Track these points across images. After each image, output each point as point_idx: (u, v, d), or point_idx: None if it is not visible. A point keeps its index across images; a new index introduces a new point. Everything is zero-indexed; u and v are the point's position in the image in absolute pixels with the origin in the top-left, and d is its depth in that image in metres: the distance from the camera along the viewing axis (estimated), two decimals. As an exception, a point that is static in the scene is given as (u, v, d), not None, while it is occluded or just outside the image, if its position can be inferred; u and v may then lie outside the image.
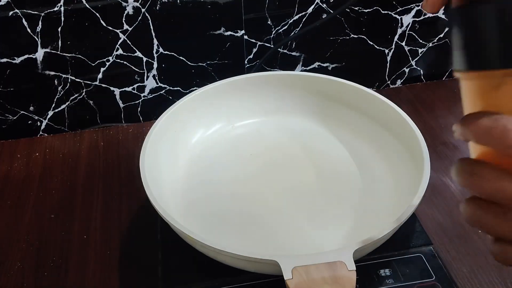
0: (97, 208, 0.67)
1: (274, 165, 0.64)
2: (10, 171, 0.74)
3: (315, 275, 0.43)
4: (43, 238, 0.63)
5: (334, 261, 0.44)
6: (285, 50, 0.83)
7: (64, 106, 0.81)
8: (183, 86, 0.83)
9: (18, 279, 0.58)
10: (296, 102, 0.71)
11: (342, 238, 0.54)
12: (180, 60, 0.80)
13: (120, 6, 0.73)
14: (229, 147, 0.67)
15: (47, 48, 0.74)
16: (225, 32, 0.79)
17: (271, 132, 0.70)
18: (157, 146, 0.60)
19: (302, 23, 0.81)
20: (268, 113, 0.71)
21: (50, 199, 0.68)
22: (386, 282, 0.49)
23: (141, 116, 0.85)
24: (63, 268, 0.59)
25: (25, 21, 0.71)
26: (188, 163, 0.65)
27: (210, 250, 0.47)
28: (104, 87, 0.80)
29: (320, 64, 0.87)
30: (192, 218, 0.57)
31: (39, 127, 0.82)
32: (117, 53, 0.77)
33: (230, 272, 0.50)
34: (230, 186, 0.62)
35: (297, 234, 0.55)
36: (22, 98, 0.78)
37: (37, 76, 0.76)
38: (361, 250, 0.46)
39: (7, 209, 0.67)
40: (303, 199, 0.59)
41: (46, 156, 0.76)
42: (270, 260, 0.45)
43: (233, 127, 0.71)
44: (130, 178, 0.71)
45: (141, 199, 0.67)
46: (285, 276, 0.43)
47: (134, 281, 0.57)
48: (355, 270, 0.44)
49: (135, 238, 0.62)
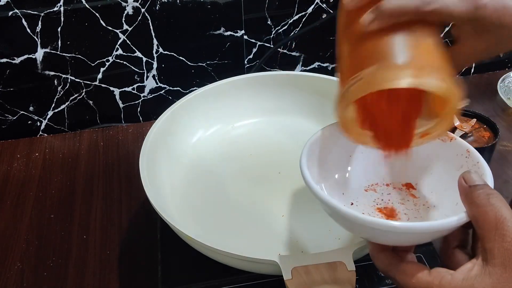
0: (96, 208, 0.67)
1: (274, 165, 0.64)
2: (10, 171, 0.74)
3: (315, 275, 0.43)
4: (43, 238, 0.63)
5: (334, 261, 0.44)
6: (285, 50, 0.83)
7: (64, 106, 0.81)
8: (183, 86, 0.83)
9: (18, 279, 0.58)
10: (296, 102, 0.71)
11: (342, 238, 0.54)
12: (180, 60, 0.80)
13: (120, 6, 0.73)
14: (228, 147, 0.67)
15: (46, 48, 0.74)
16: (225, 32, 0.79)
17: (271, 132, 0.70)
18: (157, 146, 0.60)
19: (302, 23, 0.81)
20: (268, 113, 0.71)
21: (50, 199, 0.68)
22: (386, 282, 0.49)
23: (141, 116, 0.85)
24: (62, 267, 0.59)
25: (25, 21, 0.71)
26: (187, 163, 0.65)
27: (210, 250, 0.47)
28: (104, 87, 0.80)
29: (320, 64, 0.87)
30: (192, 218, 0.57)
31: (39, 127, 0.82)
32: (117, 53, 0.77)
33: (230, 272, 0.50)
34: (230, 186, 0.62)
35: (297, 234, 0.55)
36: (22, 98, 0.78)
37: (37, 76, 0.76)
38: (361, 250, 0.46)
39: (7, 209, 0.67)
40: (303, 199, 0.59)
41: (46, 156, 0.76)
42: (270, 260, 0.45)
43: (233, 127, 0.71)
44: (130, 178, 0.71)
45: (141, 199, 0.67)
46: (285, 276, 0.43)
47: (133, 281, 0.57)
48: (355, 270, 0.44)
49: (135, 238, 0.62)
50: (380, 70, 0.36)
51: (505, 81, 0.84)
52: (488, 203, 0.35)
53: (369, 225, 0.37)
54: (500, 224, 0.34)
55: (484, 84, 0.87)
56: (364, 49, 0.39)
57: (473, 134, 0.69)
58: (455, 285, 0.34)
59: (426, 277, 0.36)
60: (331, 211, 0.41)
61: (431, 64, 0.37)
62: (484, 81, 0.88)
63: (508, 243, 0.33)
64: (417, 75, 0.36)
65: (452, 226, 0.37)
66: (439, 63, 0.38)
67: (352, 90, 0.38)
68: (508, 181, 0.67)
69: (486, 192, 0.36)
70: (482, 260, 0.35)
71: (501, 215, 0.34)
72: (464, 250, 0.39)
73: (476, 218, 0.36)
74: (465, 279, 0.34)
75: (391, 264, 0.39)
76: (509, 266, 0.33)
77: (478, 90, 0.86)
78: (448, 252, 0.39)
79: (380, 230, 0.37)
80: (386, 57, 0.37)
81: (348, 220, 0.39)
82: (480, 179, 0.38)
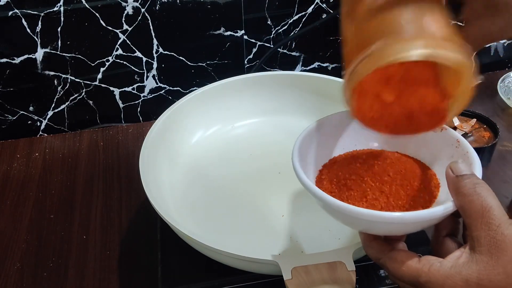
0: (96, 208, 0.67)
1: (274, 165, 0.64)
2: (10, 171, 0.74)
3: (315, 275, 0.43)
4: (43, 238, 0.63)
5: (334, 261, 0.44)
6: (285, 50, 0.83)
7: (63, 106, 0.81)
8: (183, 86, 0.83)
9: (18, 279, 0.58)
10: (295, 102, 0.71)
11: (342, 238, 0.54)
12: (180, 60, 0.80)
13: (120, 6, 0.73)
14: (228, 147, 0.67)
15: (46, 48, 0.74)
16: (225, 32, 0.79)
17: (271, 132, 0.70)
18: (157, 146, 0.60)
19: (302, 23, 0.81)
20: (268, 113, 0.71)
21: (49, 199, 0.68)
22: (386, 282, 0.49)
23: (141, 116, 0.85)
24: (62, 268, 0.59)
25: (25, 21, 0.71)
26: (187, 163, 0.65)
27: (210, 250, 0.47)
28: (104, 87, 0.80)
29: (320, 64, 0.87)
30: (192, 218, 0.57)
31: (38, 127, 0.82)
32: (116, 53, 0.77)
33: (229, 272, 0.50)
34: (230, 186, 0.62)
35: (297, 234, 0.55)
36: (22, 98, 0.78)
37: (36, 76, 0.76)
38: (361, 250, 0.46)
39: (7, 209, 0.67)
40: (303, 199, 0.59)
41: (46, 156, 0.76)
42: (270, 260, 0.45)
43: (233, 127, 0.71)
44: (130, 178, 0.71)
45: (141, 199, 0.67)
46: (285, 277, 0.43)
47: (133, 281, 0.57)
48: (355, 270, 0.44)
49: (135, 238, 0.62)
50: (389, 44, 0.35)
51: (505, 81, 0.84)
52: (474, 192, 0.36)
53: (358, 216, 0.38)
54: (486, 212, 0.35)
55: (484, 84, 0.87)
56: (370, 26, 0.37)
57: (473, 134, 0.69)
58: (443, 272, 0.35)
59: (415, 264, 0.37)
60: (322, 203, 0.41)
61: (443, 36, 0.35)
62: (484, 81, 0.88)
63: (493, 231, 0.34)
64: (430, 45, 0.34)
65: (439, 215, 0.37)
66: (450, 35, 0.36)
67: (360, 67, 0.36)
68: (508, 181, 0.67)
69: (473, 182, 0.37)
70: (469, 248, 0.36)
71: (487, 204, 0.35)
72: (454, 239, 0.40)
73: (463, 207, 0.36)
74: (453, 267, 0.35)
75: (382, 252, 0.40)
76: (495, 253, 0.34)
77: (478, 90, 0.86)
78: (438, 240, 0.40)
79: (369, 220, 0.38)
80: (395, 31, 0.35)
81: (338, 210, 0.39)
82: (468, 169, 0.38)
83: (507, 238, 0.34)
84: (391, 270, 0.39)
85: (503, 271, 0.33)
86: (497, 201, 0.35)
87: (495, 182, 0.67)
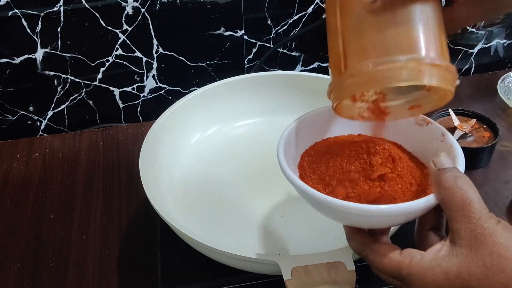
0: (96, 208, 0.67)
1: (274, 165, 0.64)
2: (10, 171, 0.74)
3: (315, 275, 0.43)
4: (43, 238, 0.63)
5: (334, 261, 0.44)
6: (285, 50, 0.83)
7: (63, 106, 0.81)
8: (183, 86, 0.83)
9: (18, 279, 0.58)
10: (296, 102, 0.71)
11: (342, 238, 0.54)
12: (180, 60, 0.80)
13: (120, 6, 0.73)
14: (228, 147, 0.67)
15: (46, 48, 0.74)
16: (225, 32, 0.79)
17: (271, 132, 0.70)
18: (156, 146, 0.60)
19: (302, 23, 0.81)
20: (268, 113, 0.71)
21: (49, 199, 0.68)
22: (386, 283, 0.49)
23: (141, 116, 0.85)
24: (62, 268, 0.59)
25: (25, 21, 0.71)
26: (187, 163, 0.65)
27: (210, 250, 0.47)
28: (104, 87, 0.80)
29: (320, 64, 0.87)
30: (192, 218, 0.57)
31: (38, 127, 0.82)
32: (116, 53, 0.77)
33: (229, 272, 0.50)
34: (230, 186, 0.62)
35: (297, 234, 0.55)
36: (22, 98, 0.78)
37: (36, 76, 0.76)
38: (360, 250, 0.46)
39: (7, 209, 0.67)
40: (303, 199, 0.59)
41: (45, 156, 0.76)
42: (270, 260, 0.45)
43: (233, 127, 0.71)
44: (130, 178, 0.71)
45: (141, 199, 0.67)
46: (285, 277, 0.43)
47: (133, 281, 0.57)
48: (354, 270, 0.44)
49: (135, 238, 0.62)
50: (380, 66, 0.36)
51: (505, 81, 0.84)
52: (455, 185, 0.36)
53: (340, 208, 0.38)
54: (466, 205, 0.35)
55: (484, 84, 0.87)
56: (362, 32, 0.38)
57: (473, 134, 0.69)
58: (424, 265, 0.36)
59: (397, 257, 0.37)
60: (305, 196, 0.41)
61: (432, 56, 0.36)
62: (484, 81, 0.88)
63: (473, 224, 0.35)
64: (416, 78, 0.36)
65: (421, 208, 0.37)
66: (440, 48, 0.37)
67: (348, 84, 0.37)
68: (508, 182, 0.67)
69: (454, 175, 0.37)
70: (450, 241, 0.36)
71: (468, 197, 0.35)
72: (437, 232, 0.40)
73: (443, 200, 0.37)
74: (433, 260, 0.36)
75: (364, 245, 0.40)
76: (475, 246, 0.34)
77: (478, 90, 0.86)
78: (422, 234, 0.40)
79: (351, 213, 0.38)
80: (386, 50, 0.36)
81: (319, 202, 0.39)
82: (450, 162, 0.38)
83: (487, 231, 0.34)
84: (373, 263, 0.39)
85: (482, 264, 0.34)
86: (478, 195, 0.36)
87: (495, 182, 0.67)
